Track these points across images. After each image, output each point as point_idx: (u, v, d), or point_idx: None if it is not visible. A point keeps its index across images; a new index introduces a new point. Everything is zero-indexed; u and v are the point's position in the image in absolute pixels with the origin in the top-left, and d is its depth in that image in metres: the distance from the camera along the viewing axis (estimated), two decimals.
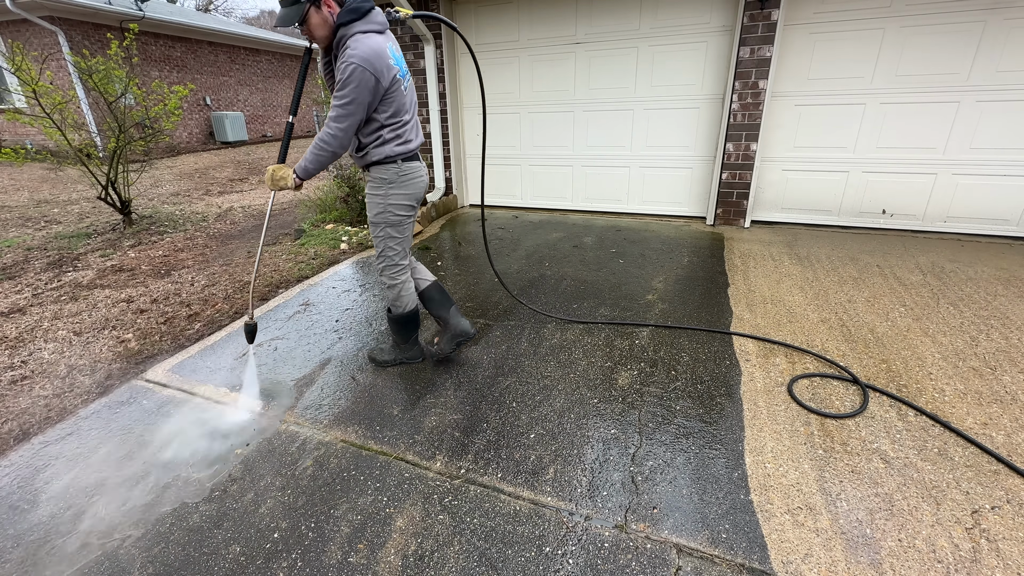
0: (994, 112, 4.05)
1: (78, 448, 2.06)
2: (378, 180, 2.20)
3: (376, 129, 2.10)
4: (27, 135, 10.83)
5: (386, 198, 2.21)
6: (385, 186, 2.20)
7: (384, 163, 2.16)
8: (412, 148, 2.20)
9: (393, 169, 2.17)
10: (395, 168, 2.18)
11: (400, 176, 2.19)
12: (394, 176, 2.19)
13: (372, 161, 2.16)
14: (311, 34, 2.00)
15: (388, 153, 2.14)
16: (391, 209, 2.23)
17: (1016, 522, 1.57)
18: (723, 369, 2.46)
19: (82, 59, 4.99)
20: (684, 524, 1.61)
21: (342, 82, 1.93)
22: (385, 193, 2.21)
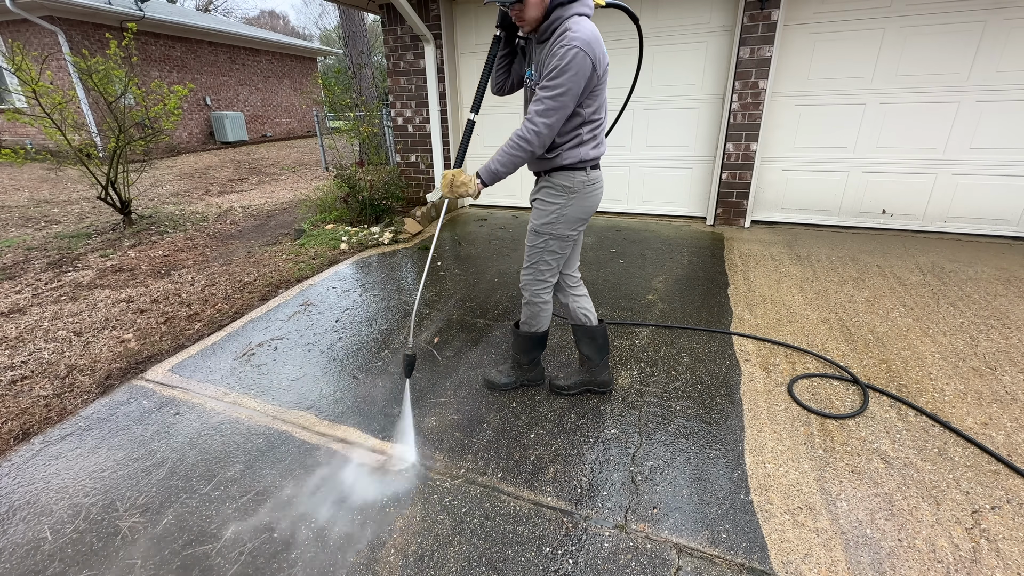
0: (994, 112, 4.05)
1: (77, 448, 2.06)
2: (560, 188, 1.89)
3: (577, 127, 1.82)
4: (27, 135, 10.84)
5: (563, 208, 1.91)
6: (567, 195, 1.90)
7: (572, 169, 1.87)
8: (602, 153, 1.92)
9: (580, 177, 1.88)
10: (583, 176, 1.88)
11: (586, 186, 1.90)
12: (580, 185, 1.88)
13: (560, 165, 1.87)
14: (521, 15, 1.73)
15: (582, 156, 1.85)
16: (564, 222, 1.93)
17: (1016, 522, 1.57)
18: (723, 369, 2.46)
19: (82, 59, 4.99)
20: (684, 524, 1.61)
21: (559, 69, 1.65)
22: (564, 203, 1.90)
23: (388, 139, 7.87)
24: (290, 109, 16.19)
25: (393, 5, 5.20)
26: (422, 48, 5.49)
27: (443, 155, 5.86)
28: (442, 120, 5.71)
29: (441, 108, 5.65)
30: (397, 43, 5.66)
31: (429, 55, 5.41)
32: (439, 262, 4.18)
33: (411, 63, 5.67)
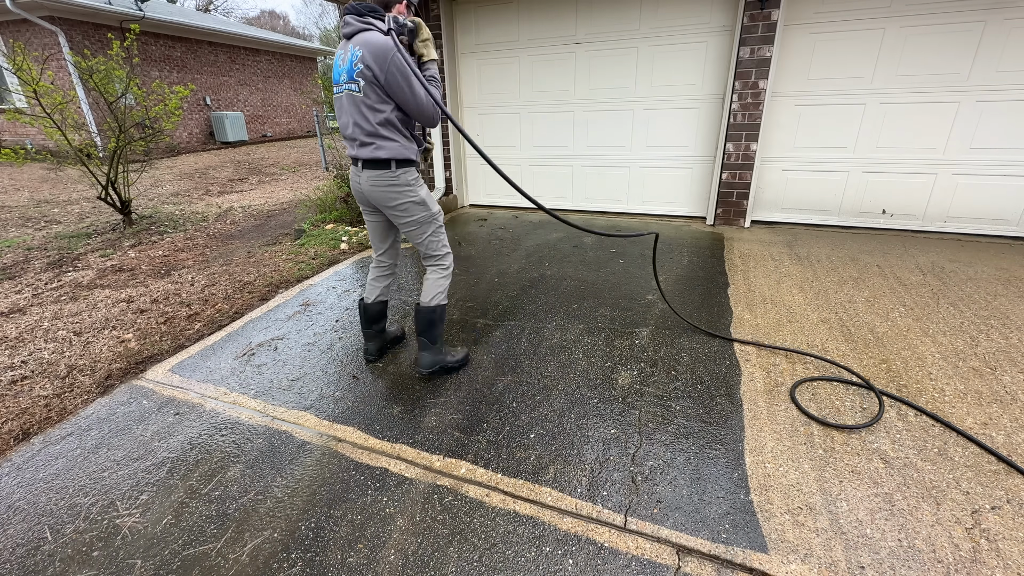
0: (994, 112, 4.05)
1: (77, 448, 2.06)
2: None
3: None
4: (27, 135, 10.84)
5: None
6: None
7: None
8: (350, 155, 2.23)
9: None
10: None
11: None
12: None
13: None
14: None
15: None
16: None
17: (1016, 522, 1.57)
18: (723, 369, 2.46)
19: (82, 59, 5.00)
20: (684, 524, 1.61)
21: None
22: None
23: None
24: (290, 109, 16.19)
25: None
26: None
27: (443, 155, 5.86)
28: (442, 120, 5.70)
29: None
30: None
31: None
32: None
33: None
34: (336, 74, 2.09)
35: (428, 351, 2.39)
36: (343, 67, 2.03)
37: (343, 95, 2.08)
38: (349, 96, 2.05)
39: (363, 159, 2.13)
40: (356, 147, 2.15)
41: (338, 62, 2.07)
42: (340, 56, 2.06)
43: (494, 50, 5.48)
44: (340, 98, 2.10)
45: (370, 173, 2.15)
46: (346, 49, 2.02)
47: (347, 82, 2.03)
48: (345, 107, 2.09)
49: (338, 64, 2.07)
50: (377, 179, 2.15)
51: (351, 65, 1.99)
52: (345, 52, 2.03)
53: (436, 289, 2.34)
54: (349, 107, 2.08)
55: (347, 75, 2.01)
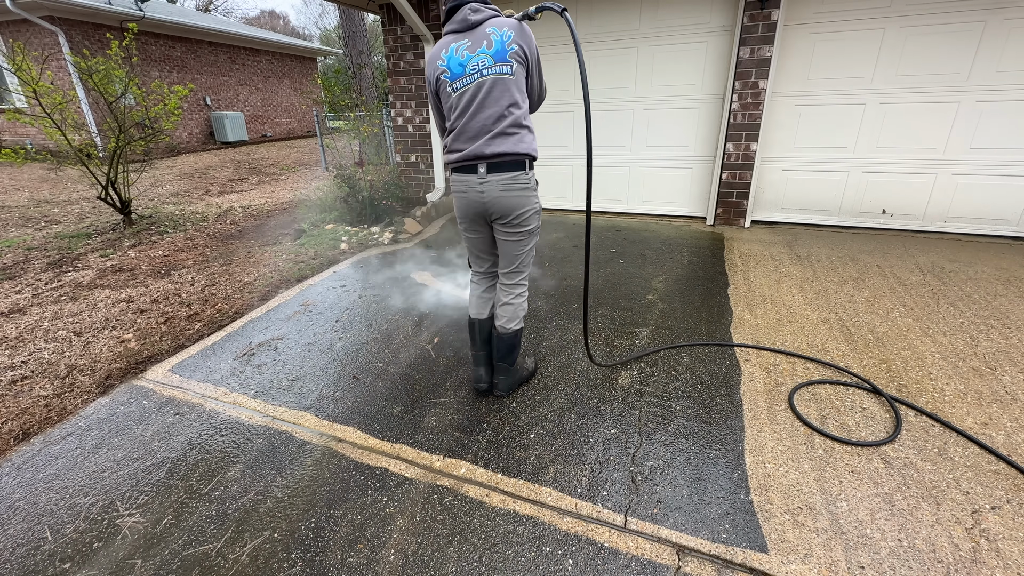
0: (994, 112, 4.05)
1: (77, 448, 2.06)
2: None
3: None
4: (27, 135, 10.84)
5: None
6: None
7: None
8: (451, 160, 2.01)
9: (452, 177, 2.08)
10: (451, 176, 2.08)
11: (452, 185, 2.09)
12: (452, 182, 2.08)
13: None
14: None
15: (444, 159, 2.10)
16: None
17: (1016, 522, 1.57)
18: (723, 369, 2.46)
19: (82, 59, 5.00)
20: (684, 524, 1.61)
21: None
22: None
23: (388, 139, 7.87)
24: (290, 109, 16.19)
25: (393, 5, 5.20)
26: (422, 48, 5.49)
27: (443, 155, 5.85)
28: None
29: None
30: (397, 43, 5.66)
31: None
32: (440, 262, 4.18)
33: (411, 63, 5.67)
34: (458, 66, 1.87)
35: (507, 375, 2.27)
36: (482, 53, 1.84)
37: (485, 82, 1.85)
38: (499, 81, 1.85)
39: (497, 155, 1.90)
40: (488, 140, 1.89)
41: (455, 54, 1.87)
42: (462, 45, 1.87)
43: None
44: (479, 85, 1.86)
45: (501, 176, 1.93)
46: (477, 37, 1.85)
47: (494, 65, 1.84)
48: (483, 95, 1.86)
49: (454, 53, 1.87)
50: (510, 183, 1.95)
51: (502, 47, 1.83)
52: (477, 39, 1.85)
53: (520, 312, 2.19)
54: (495, 94, 1.86)
55: (494, 58, 1.83)
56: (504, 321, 2.18)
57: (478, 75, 1.85)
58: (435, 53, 1.94)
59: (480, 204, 2.01)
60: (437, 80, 1.95)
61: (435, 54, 1.94)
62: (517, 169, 1.95)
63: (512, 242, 2.09)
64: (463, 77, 1.88)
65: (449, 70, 1.90)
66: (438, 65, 1.92)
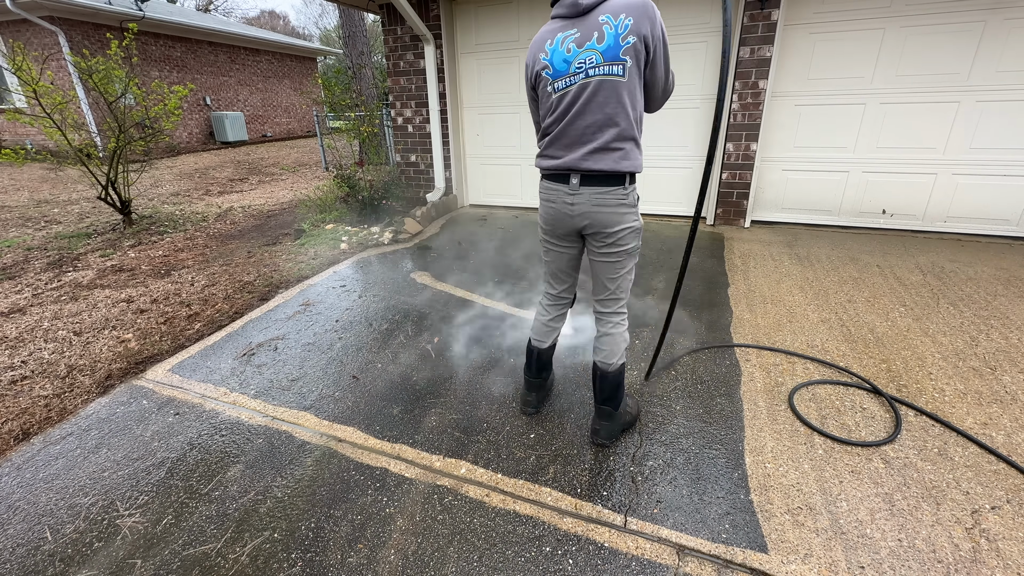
0: (994, 112, 4.05)
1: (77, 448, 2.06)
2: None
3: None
4: (27, 135, 10.84)
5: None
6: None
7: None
8: (545, 166, 1.78)
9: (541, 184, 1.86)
10: (542, 184, 1.85)
11: (540, 193, 1.86)
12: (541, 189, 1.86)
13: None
14: None
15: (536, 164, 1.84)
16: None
17: (1016, 522, 1.57)
18: (723, 369, 2.46)
19: (82, 59, 5.00)
20: (684, 524, 1.61)
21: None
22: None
23: (388, 139, 7.87)
24: (290, 109, 16.19)
25: (393, 5, 5.20)
26: (422, 48, 5.49)
27: (443, 155, 5.86)
28: (442, 120, 5.71)
29: (441, 108, 5.66)
30: (397, 43, 5.66)
31: (429, 55, 5.41)
32: (440, 262, 4.18)
33: (411, 63, 5.67)
34: (563, 62, 1.59)
35: (611, 420, 1.96)
36: (594, 46, 1.53)
37: (592, 82, 1.56)
38: (606, 84, 1.56)
39: (594, 171, 1.65)
40: (584, 154, 1.65)
41: (560, 46, 1.59)
42: (569, 37, 1.58)
43: (494, 50, 5.48)
44: (582, 87, 1.58)
45: (596, 190, 1.68)
46: (591, 25, 1.54)
47: (602, 64, 1.53)
48: (586, 100, 1.59)
49: (559, 46, 1.59)
50: (606, 197, 1.68)
51: (615, 42, 1.51)
52: (586, 29, 1.54)
53: (623, 344, 1.88)
54: (599, 99, 1.58)
55: (604, 56, 1.53)
56: (605, 356, 1.88)
57: (583, 75, 1.57)
58: (538, 42, 1.67)
59: (568, 218, 1.78)
60: (536, 76, 1.69)
61: (538, 43, 1.67)
62: (615, 184, 1.67)
63: (607, 263, 1.82)
64: (566, 76, 1.60)
65: (551, 66, 1.62)
66: (540, 58, 1.65)
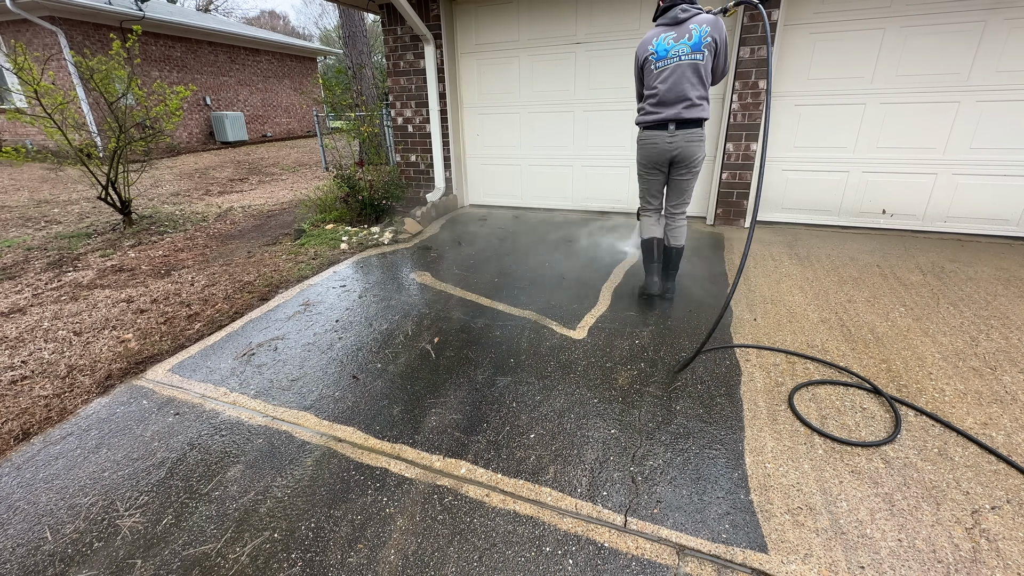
0: (994, 112, 4.05)
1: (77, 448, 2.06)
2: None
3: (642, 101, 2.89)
4: (27, 135, 10.85)
5: (637, 152, 2.98)
6: (637, 143, 2.96)
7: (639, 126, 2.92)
8: (649, 120, 2.80)
9: (639, 134, 2.93)
10: (640, 133, 2.91)
11: (640, 141, 2.92)
12: (639, 139, 2.93)
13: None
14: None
15: (638, 120, 2.90)
16: (637, 161, 3.01)
17: (1016, 522, 1.57)
18: (723, 369, 2.46)
19: (83, 59, 5.00)
20: (684, 524, 1.61)
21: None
22: (637, 148, 2.97)
23: (388, 139, 7.88)
24: (290, 109, 16.19)
25: (393, 5, 5.20)
26: (422, 48, 5.49)
27: (443, 155, 5.86)
28: (442, 120, 5.71)
29: (441, 108, 5.66)
30: (397, 43, 5.66)
31: (429, 55, 5.41)
32: (440, 262, 4.18)
33: (411, 63, 5.67)
34: (664, 50, 2.65)
35: (672, 281, 3.20)
36: (683, 44, 2.61)
37: (681, 64, 2.63)
38: (691, 65, 2.62)
39: (686, 119, 2.70)
40: (681, 109, 2.69)
41: (663, 40, 2.65)
42: (670, 35, 2.64)
43: (494, 50, 5.48)
44: (677, 66, 2.64)
45: (686, 131, 2.74)
46: (684, 29, 2.61)
47: (691, 53, 2.60)
48: (679, 74, 2.64)
49: (665, 42, 2.65)
50: (692, 135, 2.75)
51: (699, 40, 2.58)
52: (681, 32, 2.62)
53: (685, 232, 3.06)
54: (688, 74, 2.63)
55: (692, 48, 2.59)
56: (676, 239, 3.05)
57: (677, 60, 2.63)
58: (647, 39, 2.73)
59: (668, 153, 2.82)
60: (645, 60, 2.74)
61: (647, 40, 2.73)
62: (697, 127, 2.76)
63: (686, 180, 2.91)
64: (666, 59, 2.66)
65: (656, 52, 2.68)
66: (648, 48, 2.71)
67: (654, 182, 3.00)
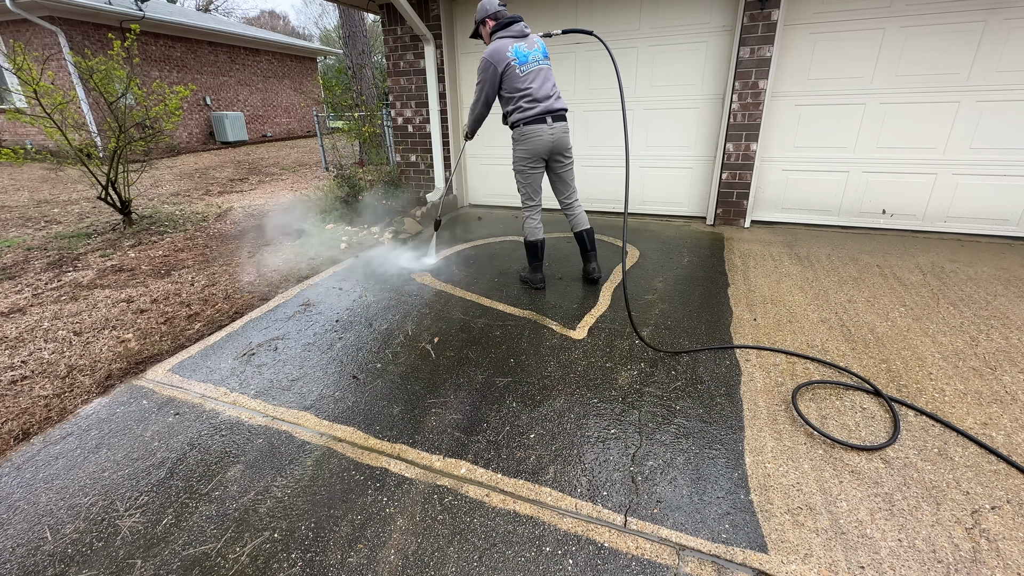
0: (994, 112, 4.05)
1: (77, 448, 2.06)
2: (513, 139, 3.22)
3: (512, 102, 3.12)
4: (27, 135, 10.84)
5: (514, 151, 3.23)
6: (514, 143, 3.21)
7: (514, 127, 3.17)
8: (529, 116, 3.06)
9: (518, 131, 3.15)
10: (520, 130, 3.13)
11: (523, 136, 3.13)
12: (518, 136, 3.16)
13: (510, 124, 3.21)
14: (485, 40, 3.25)
15: (516, 119, 3.13)
16: (516, 160, 3.24)
17: (1016, 522, 1.57)
18: (723, 369, 2.46)
19: (83, 59, 5.00)
20: (684, 524, 1.61)
21: (477, 71, 3.13)
22: (514, 148, 3.22)
23: (388, 139, 7.87)
24: (290, 109, 16.19)
25: (393, 5, 5.20)
26: (422, 48, 5.49)
27: (443, 155, 5.86)
28: (442, 120, 5.71)
29: (441, 108, 5.66)
30: (397, 43, 5.66)
31: (429, 55, 5.41)
32: (439, 263, 4.18)
33: (411, 63, 5.67)
34: (523, 56, 3.01)
35: (597, 261, 3.55)
36: (535, 51, 3.05)
37: (542, 68, 3.07)
38: (547, 69, 3.10)
39: (558, 110, 3.08)
40: (552, 102, 3.07)
41: (520, 48, 3.02)
42: (522, 45, 3.03)
43: None
44: (539, 69, 3.05)
45: (562, 124, 3.12)
46: (529, 42, 3.06)
47: (543, 59, 3.08)
48: (543, 76, 3.07)
49: (521, 50, 3.02)
50: (564, 127, 3.14)
51: (543, 50, 3.10)
52: (529, 43, 3.05)
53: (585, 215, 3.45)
54: (548, 75, 3.09)
55: (543, 55, 3.09)
56: (583, 223, 3.42)
57: (536, 63, 3.04)
58: (500, 48, 3.00)
59: (550, 143, 3.11)
60: (507, 65, 3.00)
61: (500, 49, 3.00)
62: (564, 120, 3.14)
63: (567, 170, 3.30)
64: (528, 63, 3.02)
65: (518, 59, 3.00)
66: (507, 55, 2.99)
67: (536, 176, 3.26)
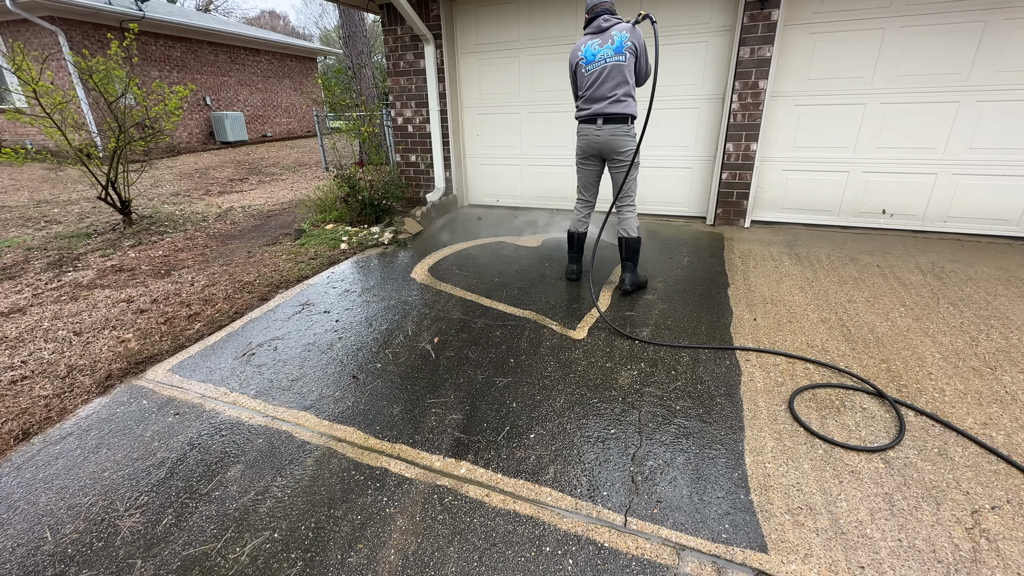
0: (994, 112, 4.05)
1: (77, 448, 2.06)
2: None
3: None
4: (27, 135, 10.84)
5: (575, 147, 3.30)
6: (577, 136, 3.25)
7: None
8: (582, 115, 3.15)
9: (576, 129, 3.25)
10: (577, 128, 3.25)
11: (577, 134, 3.24)
12: (576, 134, 3.26)
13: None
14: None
15: (575, 116, 3.24)
16: (575, 155, 3.32)
17: (1016, 522, 1.57)
18: (723, 369, 2.46)
19: (82, 59, 5.00)
20: (684, 524, 1.61)
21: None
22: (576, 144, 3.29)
23: (388, 139, 7.87)
24: (290, 109, 16.19)
25: (393, 5, 5.20)
26: (422, 48, 5.49)
27: (443, 155, 5.86)
28: (442, 120, 5.71)
29: (441, 108, 5.66)
30: (397, 43, 5.66)
31: (429, 55, 5.41)
32: (439, 263, 4.18)
33: (411, 63, 5.67)
34: (591, 55, 2.99)
35: (632, 272, 3.32)
36: (606, 48, 2.95)
37: (607, 66, 2.95)
38: (616, 66, 2.95)
39: (610, 114, 3.02)
40: (606, 105, 3.01)
41: (592, 46, 3.00)
42: (595, 42, 3.00)
43: (494, 50, 5.48)
44: (602, 69, 2.97)
45: (613, 127, 3.05)
46: (604, 37, 2.97)
47: (614, 56, 2.93)
48: (606, 75, 2.97)
49: (592, 48, 2.99)
50: (618, 130, 3.05)
51: (620, 44, 2.92)
52: (604, 39, 2.97)
53: (636, 223, 3.26)
54: (611, 74, 2.96)
55: (615, 51, 2.93)
56: (627, 231, 3.26)
57: (603, 62, 2.97)
58: (577, 47, 3.08)
59: (596, 144, 3.14)
60: (576, 65, 3.09)
61: (577, 47, 3.09)
62: (623, 123, 3.06)
63: (619, 172, 3.18)
64: (594, 63, 3.00)
65: (585, 58, 3.02)
66: (578, 55, 3.06)
67: (588, 173, 3.31)
